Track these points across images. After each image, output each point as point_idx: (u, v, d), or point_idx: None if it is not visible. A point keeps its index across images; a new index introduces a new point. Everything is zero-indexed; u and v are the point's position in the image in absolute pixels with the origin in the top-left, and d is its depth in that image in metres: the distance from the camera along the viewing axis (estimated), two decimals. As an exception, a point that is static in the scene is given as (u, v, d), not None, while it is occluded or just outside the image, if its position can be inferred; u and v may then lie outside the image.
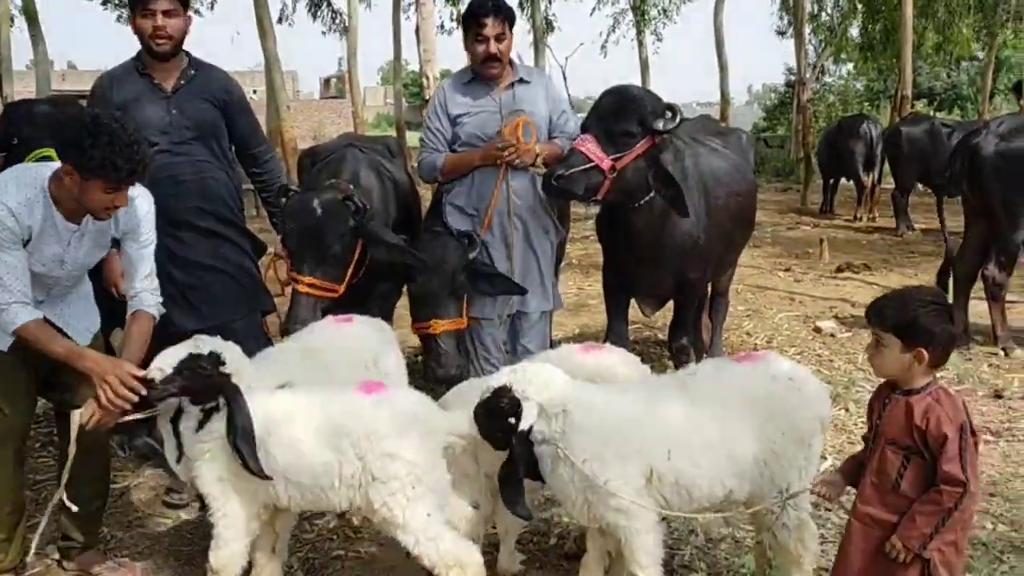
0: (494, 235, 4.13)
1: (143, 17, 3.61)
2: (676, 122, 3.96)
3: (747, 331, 6.73)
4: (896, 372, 2.34)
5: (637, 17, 18.95)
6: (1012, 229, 5.95)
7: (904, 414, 2.30)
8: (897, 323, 2.30)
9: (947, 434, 2.22)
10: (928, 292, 2.41)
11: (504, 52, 4.04)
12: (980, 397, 5.12)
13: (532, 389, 2.57)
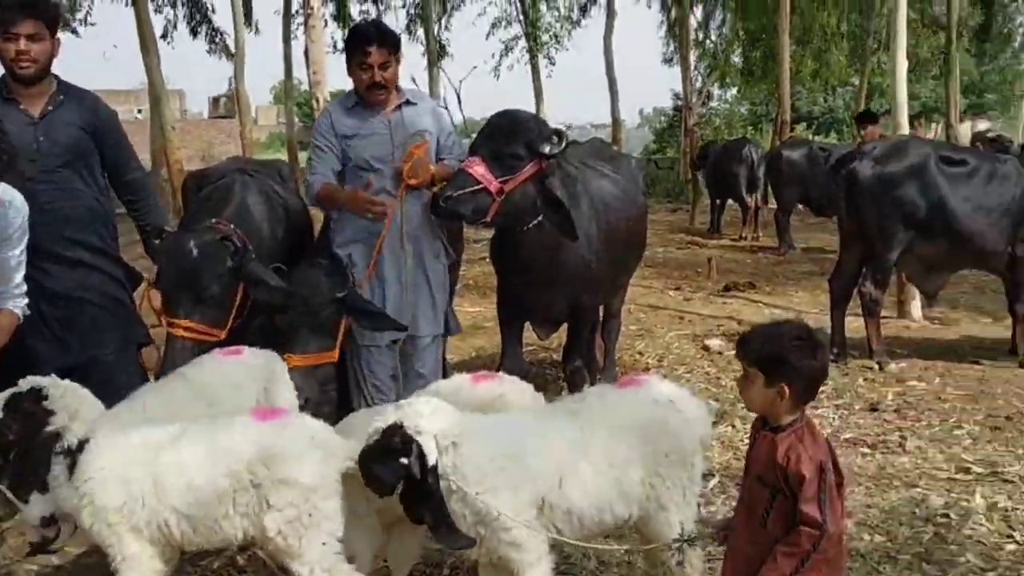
0: (386, 258, 4.09)
1: (5, 40, 3.48)
2: (562, 146, 4.03)
3: (639, 351, 6.86)
4: (761, 406, 2.34)
5: (529, 42, 19.25)
6: (887, 249, 6.25)
7: (768, 451, 2.29)
8: (761, 357, 2.29)
9: (805, 474, 2.20)
10: (794, 327, 2.39)
11: (390, 80, 4.03)
12: (857, 411, 5.35)
13: (425, 423, 2.51)
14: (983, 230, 6.15)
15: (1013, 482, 4.22)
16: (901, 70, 7.95)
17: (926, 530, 3.75)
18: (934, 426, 5.05)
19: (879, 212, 6.18)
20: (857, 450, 4.72)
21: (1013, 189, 6.17)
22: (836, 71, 18.84)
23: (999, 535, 3.71)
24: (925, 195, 6.14)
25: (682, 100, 20.35)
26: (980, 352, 6.65)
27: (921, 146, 6.53)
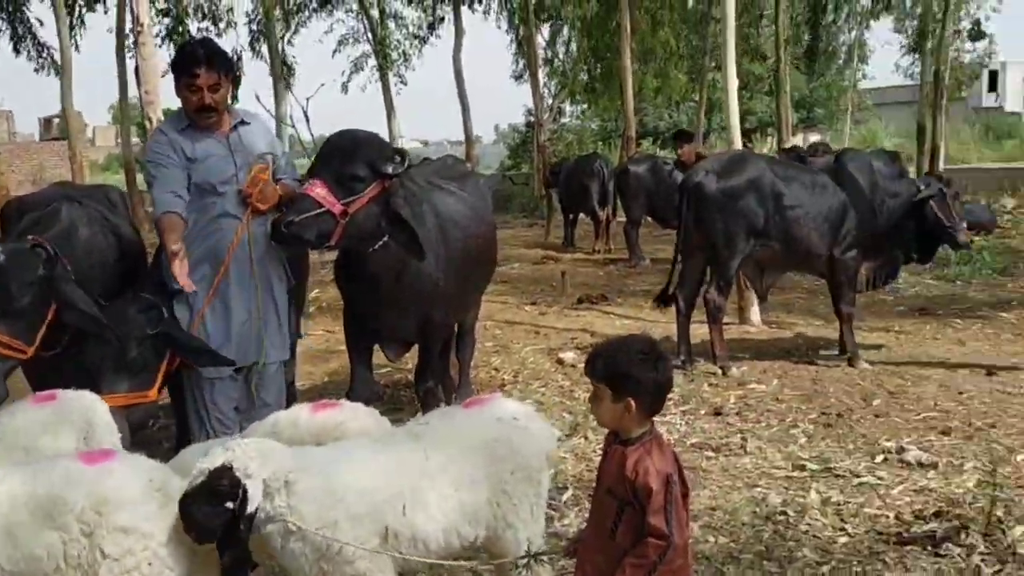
0: (232, 284, 3.94)
1: None
2: (405, 166, 4.00)
3: (495, 367, 6.88)
4: (611, 421, 2.38)
5: (379, 60, 19.14)
6: (730, 257, 6.57)
7: (618, 464, 2.33)
8: (607, 374, 2.34)
9: (652, 487, 2.25)
10: (638, 342, 2.44)
11: (220, 102, 3.88)
12: (702, 415, 5.54)
13: (254, 465, 2.40)
14: (809, 235, 6.60)
15: (844, 476, 4.47)
16: (732, 88, 8.36)
17: (766, 528, 3.92)
18: (773, 427, 5.29)
19: (724, 223, 6.49)
20: (702, 454, 4.88)
21: (831, 198, 6.64)
22: (677, 88, 19.69)
23: (832, 528, 3.91)
24: (763, 205, 6.51)
25: (534, 117, 20.75)
26: (814, 352, 7.07)
27: (758, 160, 6.93)
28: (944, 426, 5.13)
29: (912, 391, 5.91)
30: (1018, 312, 8.41)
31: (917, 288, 9.91)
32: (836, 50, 28.92)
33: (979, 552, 3.56)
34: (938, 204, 6.62)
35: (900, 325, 8.15)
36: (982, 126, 36.50)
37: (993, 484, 4.00)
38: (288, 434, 3.04)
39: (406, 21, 19.94)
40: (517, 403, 3.00)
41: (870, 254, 6.81)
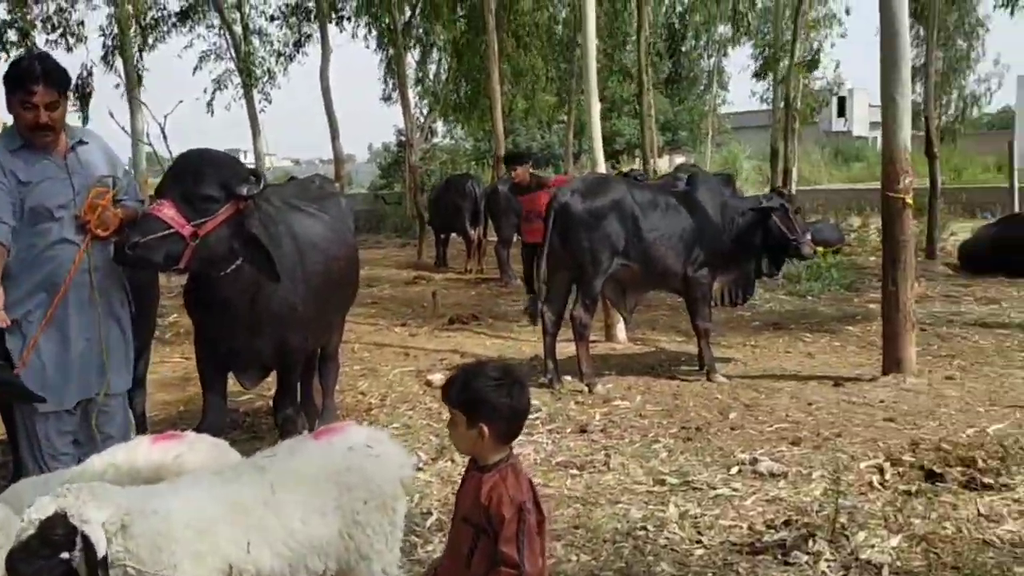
0: (72, 313, 3.71)
1: None
2: (260, 187, 3.89)
3: (362, 391, 6.77)
4: (466, 448, 2.37)
5: (243, 77, 18.64)
6: (595, 276, 6.74)
7: (474, 491, 2.31)
8: (461, 400, 2.33)
9: (505, 515, 2.23)
10: (493, 368, 2.42)
11: (57, 120, 3.66)
12: (568, 434, 5.60)
13: (90, 509, 2.25)
14: (666, 255, 6.86)
15: (702, 489, 4.59)
16: (595, 113, 8.56)
17: (626, 544, 3.97)
18: (635, 442, 5.39)
19: (590, 242, 6.66)
20: (568, 472, 4.92)
21: (684, 219, 6.92)
22: (545, 110, 20.02)
23: (689, 541, 4.00)
24: (624, 226, 6.73)
25: (405, 137, 20.66)
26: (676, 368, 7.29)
27: (619, 183, 7.14)
28: (794, 436, 5.35)
29: (766, 403, 6.15)
30: (863, 325, 8.92)
31: (771, 304, 10.39)
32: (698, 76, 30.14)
33: (825, 559, 3.72)
34: (781, 218, 6.99)
35: (756, 340, 8.51)
36: (832, 149, 38.86)
37: (837, 492, 4.19)
38: (127, 469, 2.88)
39: (271, 38, 19.55)
40: (370, 430, 2.94)
41: (723, 271, 7.12)
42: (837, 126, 44.95)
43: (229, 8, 19.29)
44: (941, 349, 7.79)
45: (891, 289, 6.63)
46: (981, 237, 13.37)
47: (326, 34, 17.25)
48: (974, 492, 4.37)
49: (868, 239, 15.35)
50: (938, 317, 9.28)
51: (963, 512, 4.16)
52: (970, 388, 6.41)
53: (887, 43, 6.49)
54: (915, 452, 4.96)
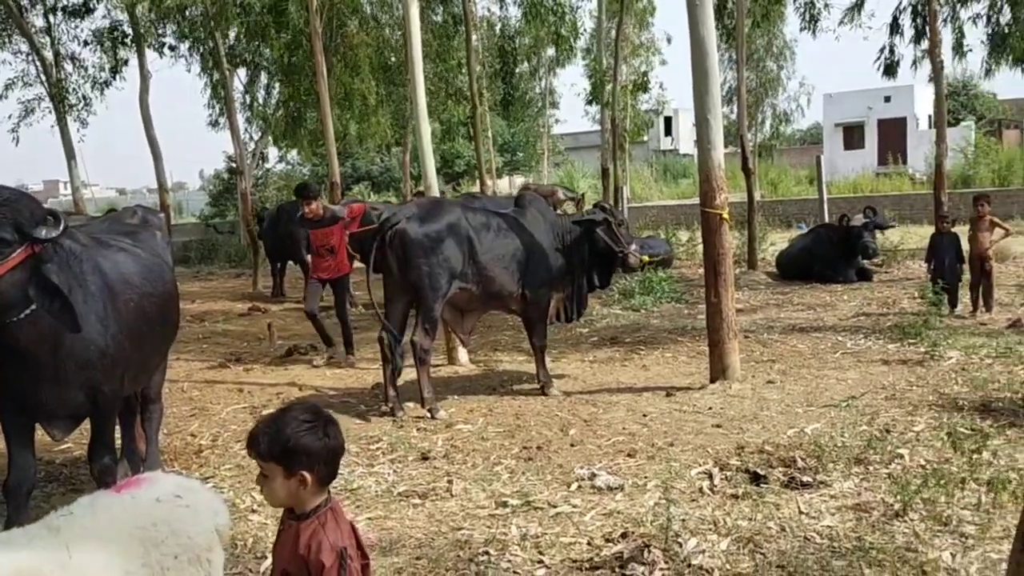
0: None
1: None
2: (60, 229, 3.62)
3: (191, 432, 6.43)
4: (286, 499, 2.25)
5: (55, 103, 17.53)
6: (435, 299, 6.68)
7: (292, 541, 2.22)
8: (274, 452, 2.21)
9: (324, 563, 2.15)
10: (300, 411, 2.31)
11: None
12: (410, 462, 5.52)
13: None
14: (501, 276, 6.92)
15: (543, 508, 4.62)
16: (426, 135, 8.57)
17: (469, 570, 3.93)
18: (478, 466, 5.38)
19: (428, 266, 6.61)
20: (409, 502, 4.84)
21: (517, 239, 7.01)
22: (380, 135, 19.89)
23: (531, 562, 4.00)
24: (460, 248, 6.74)
25: (235, 163, 20.00)
26: (518, 387, 7.35)
27: (453, 206, 7.12)
28: (630, 448, 5.49)
29: (603, 417, 6.29)
30: (692, 335, 9.31)
31: (608, 319, 10.69)
32: (533, 97, 30.80)
33: (660, 568, 3.81)
34: (605, 231, 7.22)
35: (594, 355, 8.72)
36: (661, 167, 40.66)
37: (669, 501, 4.32)
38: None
39: (86, 63, 18.48)
40: (179, 478, 2.76)
41: (558, 288, 7.26)
42: (665, 145, 47.10)
43: (38, 32, 18.14)
44: (763, 355, 8.22)
45: (713, 300, 6.95)
46: (796, 247, 14.30)
47: (143, 59, 16.51)
48: (795, 491, 4.62)
49: (696, 252, 16.10)
50: (759, 324, 9.82)
51: (785, 511, 4.38)
52: (789, 391, 6.80)
53: (697, 67, 6.83)
54: (741, 456, 5.20)
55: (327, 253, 8.81)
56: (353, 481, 5.17)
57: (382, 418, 6.60)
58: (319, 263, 8.98)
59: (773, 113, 28.89)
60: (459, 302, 7.00)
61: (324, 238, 8.83)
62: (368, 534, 4.22)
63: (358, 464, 5.50)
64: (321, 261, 8.93)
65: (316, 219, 8.66)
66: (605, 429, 6.01)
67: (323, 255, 8.86)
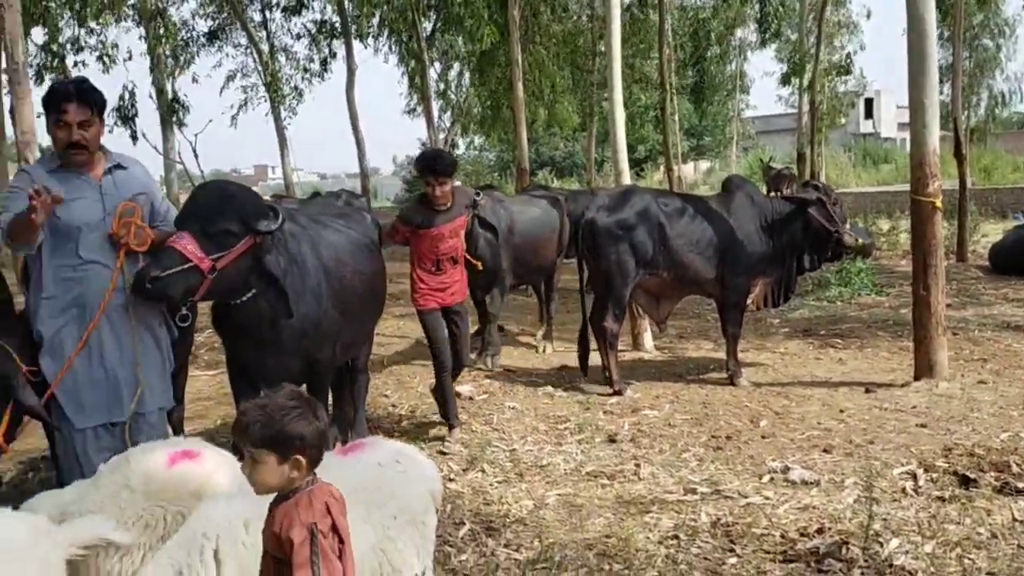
0: (106, 330, 3.77)
1: None
2: (278, 222, 3.94)
3: (392, 403, 6.81)
4: (277, 485, 2.21)
5: (270, 94, 18.87)
6: (623, 286, 6.84)
7: (272, 522, 2.20)
8: (268, 438, 2.16)
9: (294, 539, 2.11)
10: (287, 397, 2.25)
11: (91, 140, 3.74)
12: (597, 443, 5.60)
13: None
14: (694, 262, 6.94)
15: (733, 498, 4.58)
16: (620, 121, 8.56)
17: (659, 553, 3.97)
18: (665, 451, 5.39)
19: (617, 254, 6.82)
20: (598, 482, 4.93)
21: (717, 224, 6.97)
22: (566, 121, 20.07)
23: (722, 550, 3.99)
24: (650, 235, 6.84)
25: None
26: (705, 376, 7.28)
27: (644, 193, 7.19)
28: (826, 444, 5.33)
29: (796, 411, 6.12)
30: (893, 330, 8.84)
31: (801, 310, 10.32)
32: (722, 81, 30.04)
33: (859, 566, 3.70)
34: (818, 210, 6.98)
35: (785, 346, 8.46)
36: (859, 151, 38.53)
37: (871, 499, 4.16)
38: (142, 489, 2.93)
39: (297, 56, 19.79)
40: (397, 445, 2.96)
41: (764, 272, 7.11)
42: (865, 128, 44.63)
43: (255, 27, 19.57)
44: (973, 353, 7.70)
45: (922, 293, 6.57)
46: (1012, 239, 13.22)
47: (351, 51, 17.43)
48: (1008, 497, 4.33)
49: (898, 242, 15.22)
50: (970, 320, 9.18)
51: (997, 518, 4.12)
52: (1003, 392, 6.34)
53: (914, 47, 6.44)
54: (948, 458, 4.92)
55: (447, 264, 5.62)
56: (543, 458, 5.32)
57: (571, 399, 6.73)
58: (432, 282, 5.61)
59: (989, 95, 26.69)
60: (651, 288, 7.08)
61: (445, 238, 5.57)
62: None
63: (547, 442, 5.65)
64: (435, 278, 5.61)
65: (443, 207, 5.54)
66: (798, 423, 5.85)
67: (441, 265, 5.61)
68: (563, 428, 5.94)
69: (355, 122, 16.91)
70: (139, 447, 3.20)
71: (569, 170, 38.86)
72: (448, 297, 5.63)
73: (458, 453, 5.42)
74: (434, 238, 5.50)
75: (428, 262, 5.56)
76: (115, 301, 3.77)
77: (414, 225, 5.51)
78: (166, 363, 4.03)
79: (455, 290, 5.66)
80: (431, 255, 5.54)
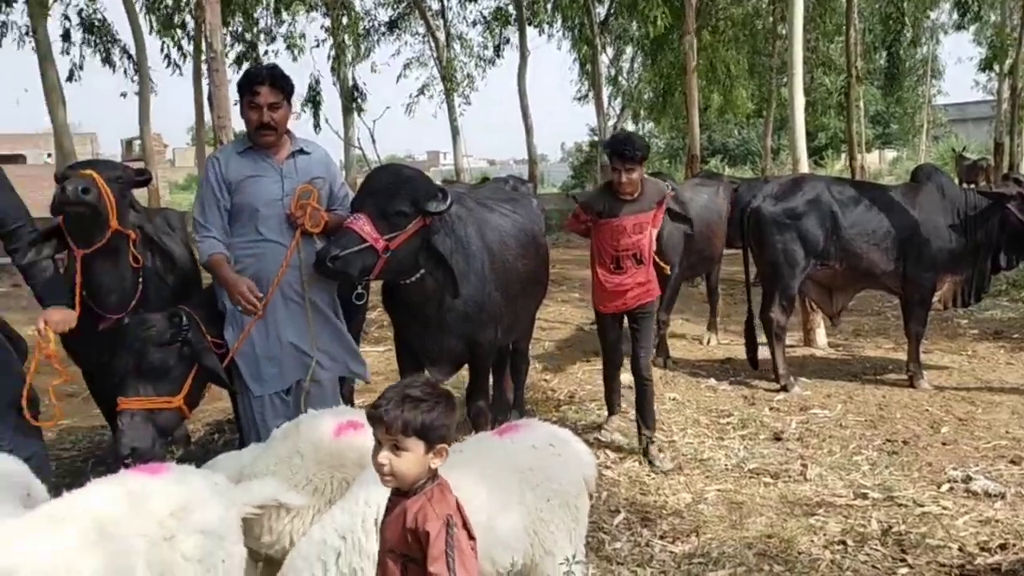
0: (281, 303, 4.01)
1: None
2: (447, 204, 4.02)
3: (551, 387, 6.86)
4: (416, 475, 2.15)
5: (445, 83, 19.36)
6: (791, 277, 6.63)
7: (399, 519, 2.15)
8: (416, 426, 2.11)
9: (430, 531, 2.06)
10: (420, 387, 2.20)
11: (279, 121, 3.97)
12: (761, 440, 5.42)
13: None
14: (870, 254, 6.58)
15: (907, 506, 4.32)
16: (799, 107, 8.20)
17: (823, 557, 3.80)
18: (835, 453, 5.15)
19: (784, 243, 6.61)
20: (760, 480, 4.77)
21: (899, 216, 6.57)
22: (741, 107, 19.44)
23: (892, 559, 3.77)
24: (821, 226, 6.56)
25: (597, 136, 20.73)
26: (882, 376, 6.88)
27: (816, 182, 6.88)
28: (1014, 454, 4.93)
29: (982, 418, 5.70)
30: (1101, 336, 8.04)
31: (992, 311, 9.56)
32: (913, 65, 28.25)
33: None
34: (1018, 206, 6.43)
35: (973, 349, 7.87)
36: (1066, 142, 35.21)
37: (1066, 517, 3.82)
38: (312, 456, 3.08)
39: (471, 43, 20.19)
40: (552, 427, 2.96)
41: (953, 269, 6.65)
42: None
43: (433, 15, 20.12)
44: None
45: None
46: None
47: (524, 37, 17.60)
48: None
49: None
50: None
51: None
52: None
53: None
54: None
55: (628, 263, 5.02)
56: (703, 452, 5.21)
57: (733, 393, 6.54)
58: (610, 283, 5.09)
59: None
60: (823, 280, 6.78)
61: (627, 232, 5.00)
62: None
63: (708, 436, 5.52)
64: (613, 278, 5.07)
65: (629, 197, 4.98)
66: (984, 431, 5.44)
67: (621, 263, 5.03)
68: (725, 423, 5.79)
69: (525, 108, 17.09)
70: (308, 415, 3.37)
71: (743, 158, 37.70)
72: (629, 301, 5.04)
73: (616, 441, 5.38)
74: (615, 230, 4.96)
75: (607, 258, 5.02)
76: (289, 278, 3.99)
77: (595, 212, 5.04)
78: (339, 336, 4.21)
79: (637, 293, 5.03)
80: (610, 250, 5.00)
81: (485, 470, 2.68)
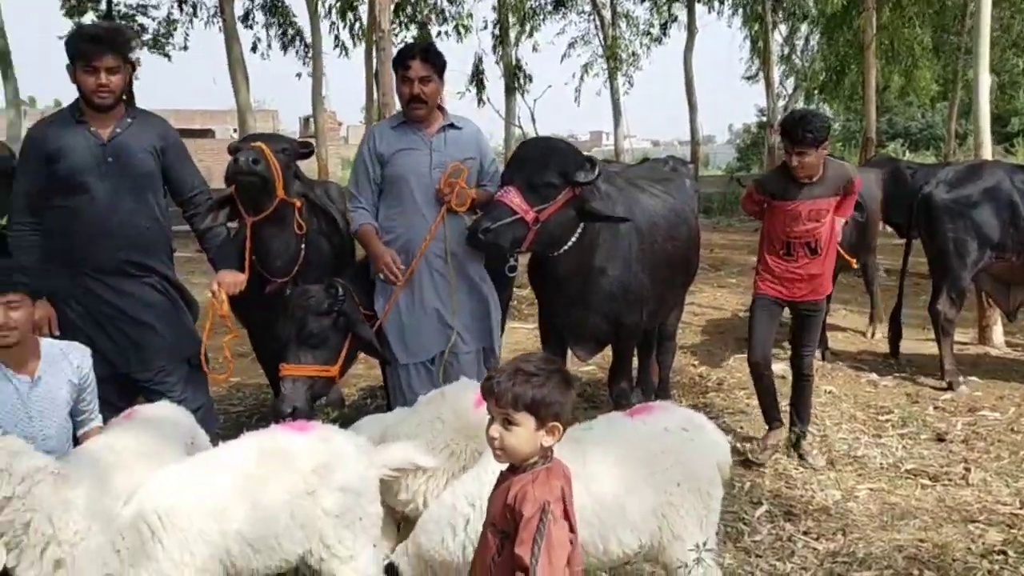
0: (426, 275, 4.14)
1: (85, 72, 3.64)
2: (596, 174, 4.01)
3: (699, 373, 6.73)
4: (529, 451, 2.12)
5: (608, 63, 19.19)
6: (962, 268, 6.25)
7: (503, 494, 2.13)
8: (527, 401, 2.08)
9: (524, 513, 2.03)
10: (536, 362, 2.16)
11: (429, 95, 4.08)
12: (922, 440, 5.13)
13: None
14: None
15: (1082, 521, 3.98)
16: (983, 88, 7.62)
17: (980, 567, 3.57)
18: (1003, 458, 4.81)
19: (955, 233, 6.25)
20: (917, 482, 4.53)
21: None
22: (923, 88, 18.18)
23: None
24: (999, 216, 6.16)
25: (766, 117, 20.01)
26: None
27: (996, 169, 6.42)
28: None
29: None
30: None
31: None
32: None
33: None
34: None
35: None
36: None
37: None
38: (453, 423, 3.18)
39: (638, 21, 19.90)
40: (687, 411, 2.91)
41: None
42: None
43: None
44: None
45: None
46: None
47: (693, 14, 17.17)
48: None
49: None
50: None
51: None
52: None
53: None
54: None
55: (800, 251, 4.69)
56: (858, 449, 4.99)
57: (895, 389, 6.21)
58: (777, 268, 4.77)
59: None
60: (1000, 273, 6.32)
61: (802, 218, 4.64)
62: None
63: (864, 433, 5.27)
64: (781, 264, 4.75)
65: (807, 181, 4.61)
66: None
67: (792, 251, 4.71)
68: (884, 420, 5.51)
69: (690, 87, 16.72)
70: (454, 385, 3.48)
71: (926, 143, 35.38)
72: (794, 290, 4.72)
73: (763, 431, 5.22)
74: (788, 215, 4.62)
75: (777, 243, 4.70)
76: (433, 251, 4.11)
77: (768, 194, 4.73)
78: (486, 309, 4.29)
79: (805, 289, 4.71)
80: (781, 235, 4.67)
81: (614, 449, 2.67)
